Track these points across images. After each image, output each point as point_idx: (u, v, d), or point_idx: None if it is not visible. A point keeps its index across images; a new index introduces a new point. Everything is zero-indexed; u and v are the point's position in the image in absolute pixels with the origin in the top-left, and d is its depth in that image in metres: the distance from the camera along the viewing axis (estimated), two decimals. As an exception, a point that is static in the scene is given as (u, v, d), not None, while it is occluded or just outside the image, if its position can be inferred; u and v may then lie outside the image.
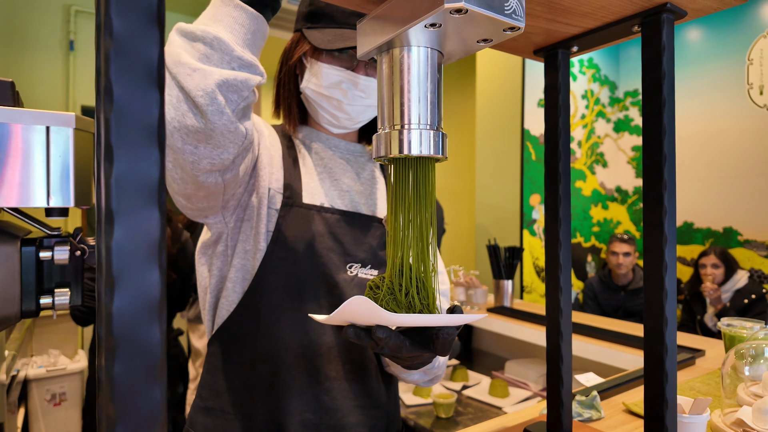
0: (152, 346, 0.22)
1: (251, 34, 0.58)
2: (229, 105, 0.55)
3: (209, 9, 0.58)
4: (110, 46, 0.21)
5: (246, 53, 0.56)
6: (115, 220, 0.22)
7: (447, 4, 0.36)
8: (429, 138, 0.45)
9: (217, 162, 0.59)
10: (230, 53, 0.55)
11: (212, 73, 0.53)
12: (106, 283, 0.22)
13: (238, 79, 0.55)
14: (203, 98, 0.53)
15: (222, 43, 0.54)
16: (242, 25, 0.57)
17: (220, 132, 0.55)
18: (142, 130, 0.22)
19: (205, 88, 0.53)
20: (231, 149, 0.58)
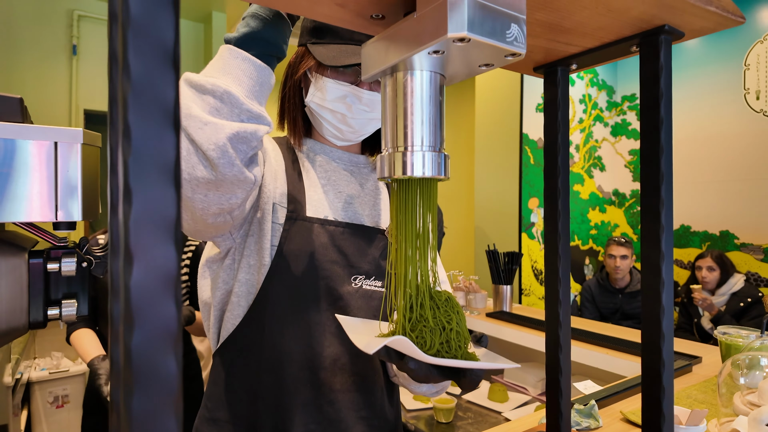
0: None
1: (259, 85, 0.59)
2: (239, 156, 0.56)
3: (218, 60, 0.59)
4: (128, 90, 0.22)
5: (255, 105, 0.58)
6: (133, 258, 0.23)
7: (450, 33, 0.37)
8: (431, 160, 0.46)
9: (226, 206, 0.60)
10: (240, 106, 0.56)
11: (223, 126, 0.55)
12: (125, 319, 0.23)
13: (248, 131, 0.56)
14: (215, 152, 0.54)
15: (232, 96, 0.56)
16: (250, 77, 0.58)
17: (230, 181, 0.57)
18: (159, 171, 0.23)
19: (216, 141, 0.54)
20: (240, 194, 0.60)
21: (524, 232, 3.29)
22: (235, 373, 0.73)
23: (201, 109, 0.55)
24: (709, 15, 0.48)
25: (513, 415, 1.47)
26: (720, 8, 0.48)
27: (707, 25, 0.51)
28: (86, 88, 2.96)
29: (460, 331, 0.49)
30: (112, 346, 0.26)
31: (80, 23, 2.93)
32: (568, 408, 0.67)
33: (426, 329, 0.48)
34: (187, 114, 0.55)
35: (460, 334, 0.49)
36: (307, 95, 0.76)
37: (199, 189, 0.56)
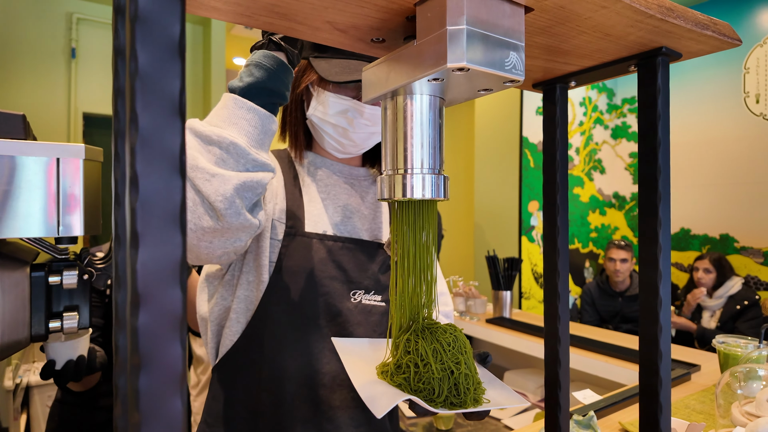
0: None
1: (263, 133, 0.61)
2: (245, 203, 0.58)
3: (222, 110, 0.60)
4: (135, 140, 0.23)
5: (260, 154, 0.59)
6: (140, 302, 0.23)
7: (450, 63, 0.38)
8: (431, 182, 0.46)
9: (231, 249, 0.62)
10: (246, 156, 0.58)
11: (230, 178, 0.56)
12: (132, 361, 0.23)
13: (254, 180, 0.58)
14: (222, 203, 0.55)
15: (238, 147, 0.57)
16: (255, 127, 0.59)
17: (235, 228, 0.58)
18: (166, 217, 0.23)
19: (224, 193, 0.55)
20: (244, 238, 0.61)
21: (524, 235, 3.30)
22: (234, 390, 0.73)
23: (207, 161, 0.56)
24: (705, 39, 0.49)
25: (512, 422, 1.47)
26: (716, 32, 0.48)
27: (704, 47, 0.52)
28: (85, 92, 2.96)
29: (469, 373, 0.48)
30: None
31: (79, 26, 2.93)
32: (567, 422, 0.68)
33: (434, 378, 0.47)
34: (194, 165, 0.55)
35: (469, 376, 0.48)
36: (309, 109, 0.76)
37: (205, 237, 0.58)
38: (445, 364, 0.48)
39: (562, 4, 0.41)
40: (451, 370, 0.47)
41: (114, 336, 0.35)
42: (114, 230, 0.35)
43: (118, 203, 0.34)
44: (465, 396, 0.48)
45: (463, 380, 0.48)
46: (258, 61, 0.61)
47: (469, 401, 0.48)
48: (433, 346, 0.48)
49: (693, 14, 0.47)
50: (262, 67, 0.61)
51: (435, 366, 0.47)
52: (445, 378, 0.47)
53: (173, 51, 0.23)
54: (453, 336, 0.50)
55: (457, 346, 0.49)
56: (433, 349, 0.48)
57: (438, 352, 0.48)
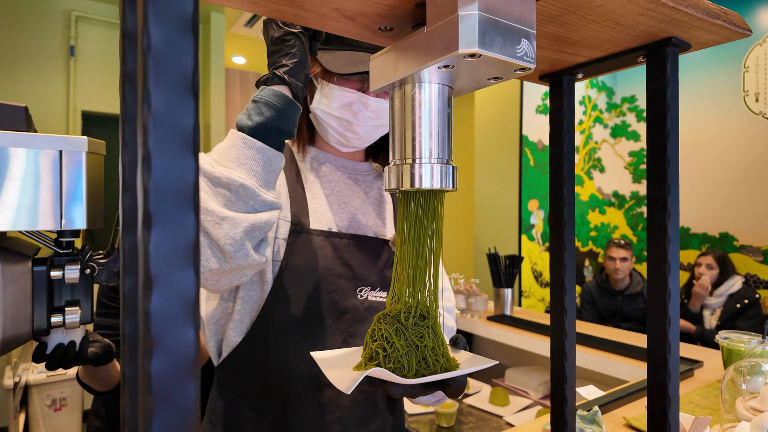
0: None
1: (272, 172, 0.61)
2: (253, 243, 0.58)
3: (231, 149, 0.60)
4: (148, 118, 0.22)
5: (269, 195, 0.59)
6: (153, 285, 0.23)
7: (461, 49, 0.37)
8: (439, 172, 0.46)
9: (237, 283, 0.62)
10: (255, 198, 0.58)
11: (240, 221, 0.56)
12: (144, 345, 0.23)
13: (262, 221, 0.58)
14: (231, 246, 0.56)
15: (248, 189, 0.57)
16: (264, 167, 0.59)
17: (243, 267, 0.59)
18: (179, 197, 0.23)
19: (234, 236, 0.56)
20: (250, 273, 0.62)
21: (524, 234, 3.30)
22: (239, 390, 0.72)
23: (216, 203, 0.56)
24: (716, 29, 0.48)
25: (514, 419, 1.47)
26: (727, 22, 0.48)
27: (714, 38, 0.51)
28: (84, 90, 2.95)
29: (435, 345, 0.49)
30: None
31: (78, 24, 2.92)
32: (573, 416, 0.68)
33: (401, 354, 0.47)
34: (204, 208, 0.56)
35: (436, 348, 0.49)
36: (313, 102, 0.75)
37: (212, 277, 0.59)
38: (408, 340, 0.48)
39: (573, -9, 0.40)
40: (416, 344, 0.48)
41: (121, 324, 0.35)
42: (122, 217, 0.34)
43: (126, 189, 0.33)
44: (435, 367, 0.48)
45: (430, 353, 0.48)
46: (267, 99, 0.61)
47: (439, 371, 0.48)
48: (395, 327, 0.49)
49: (704, 3, 0.46)
50: (272, 106, 0.60)
51: (399, 343, 0.47)
52: (411, 353, 0.48)
53: (186, 27, 0.23)
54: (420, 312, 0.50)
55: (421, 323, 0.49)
56: (396, 329, 0.48)
57: (400, 331, 0.48)
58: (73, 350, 0.79)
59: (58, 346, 0.78)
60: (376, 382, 0.48)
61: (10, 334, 0.67)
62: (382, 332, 0.49)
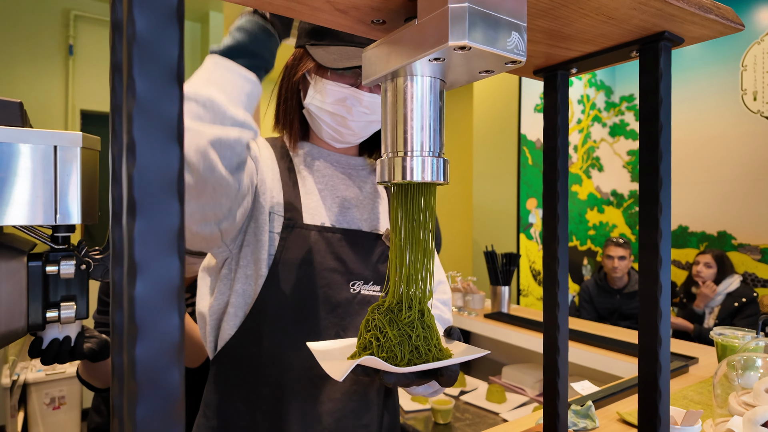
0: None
1: (244, 94, 0.59)
2: (223, 161, 0.56)
3: (202, 70, 0.59)
4: (133, 107, 0.22)
5: (239, 111, 0.57)
6: (137, 271, 0.23)
7: (451, 41, 0.37)
8: (431, 165, 0.46)
9: (210, 214, 0.60)
10: (223, 113, 0.56)
11: (204, 132, 0.54)
12: (129, 331, 0.23)
13: (230, 137, 0.56)
14: (195, 156, 0.54)
15: (214, 103, 0.56)
16: (234, 86, 0.58)
17: (212, 187, 0.56)
18: (163, 184, 0.23)
19: (197, 146, 0.54)
20: (224, 202, 0.60)
21: (522, 233, 3.30)
22: (233, 383, 0.73)
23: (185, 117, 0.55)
24: (709, 23, 0.49)
25: (511, 416, 1.47)
26: (720, 16, 0.48)
27: (707, 32, 0.51)
28: (83, 88, 2.95)
29: (428, 335, 0.49)
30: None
31: (77, 23, 2.92)
32: (565, 409, 0.68)
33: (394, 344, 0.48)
34: None
35: (428, 338, 0.49)
36: (306, 97, 0.75)
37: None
38: (401, 330, 0.48)
39: (564, -16, 0.40)
40: (408, 334, 0.48)
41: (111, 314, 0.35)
42: (111, 207, 0.34)
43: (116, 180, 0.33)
44: (427, 356, 0.49)
45: (422, 343, 0.49)
46: (240, 25, 0.60)
47: (431, 360, 0.48)
48: (389, 317, 0.49)
49: (695, -3, 0.47)
50: (245, 30, 0.60)
51: (391, 333, 0.48)
52: (404, 343, 0.48)
53: (171, 16, 0.23)
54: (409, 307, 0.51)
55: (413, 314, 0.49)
56: (389, 319, 0.49)
57: (393, 321, 0.49)
58: (68, 345, 0.79)
59: (53, 341, 0.79)
60: (370, 372, 0.48)
61: (5, 328, 0.67)
62: (375, 323, 0.49)
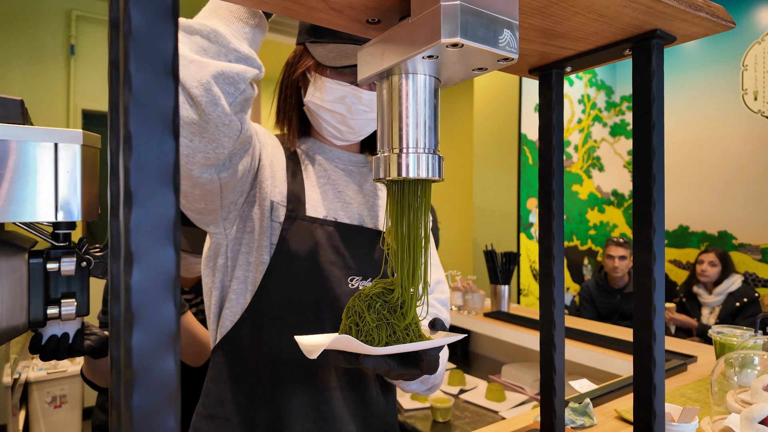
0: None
1: (249, 27, 0.58)
2: (226, 97, 0.55)
3: (209, 4, 0.59)
4: (129, 100, 0.23)
5: (243, 46, 0.56)
6: (134, 260, 0.23)
7: (444, 39, 0.38)
8: (426, 162, 0.46)
9: (212, 156, 0.58)
10: (227, 45, 0.55)
11: (208, 64, 0.54)
12: (125, 320, 0.24)
13: (234, 71, 0.55)
14: (198, 89, 0.53)
15: (219, 35, 0.55)
16: (239, 19, 0.57)
17: (214, 124, 0.55)
18: (159, 176, 0.24)
19: (200, 79, 0.53)
20: (226, 143, 0.58)
21: (523, 233, 3.30)
22: (233, 371, 0.74)
23: (188, 49, 0.54)
24: (699, 21, 0.49)
25: (510, 414, 1.48)
26: (710, 14, 0.49)
27: (698, 30, 0.52)
28: (84, 88, 2.97)
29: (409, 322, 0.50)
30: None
31: (78, 23, 2.93)
32: (562, 406, 0.68)
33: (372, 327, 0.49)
34: None
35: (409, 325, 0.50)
36: (306, 95, 0.76)
37: (184, 132, 0.54)
38: (380, 314, 0.49)
39: (555, -18, 0.41)
40: (387, 319, 0.49)
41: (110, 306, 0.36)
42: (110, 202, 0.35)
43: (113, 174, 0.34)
44: (405, 341, 0.49)
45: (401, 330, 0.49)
46: None
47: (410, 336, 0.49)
48: (367, 303, 0.50)
49: (686, -5, 0.47)
50: None
51: (369, 317, 0.48)
52: (381, 327, 0.49)
53: (167, 12, 0.23)
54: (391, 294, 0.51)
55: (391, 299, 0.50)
56: (367, 304, 0.50)
57: (372, 306, 0.49)
58: (66, 342, 0.80)
59: (52, 337, 0.80)
60: (351, 359, 0.49)
61: (6, 325, 0.68)
62: (355, 308, 0.50)
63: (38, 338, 0.79)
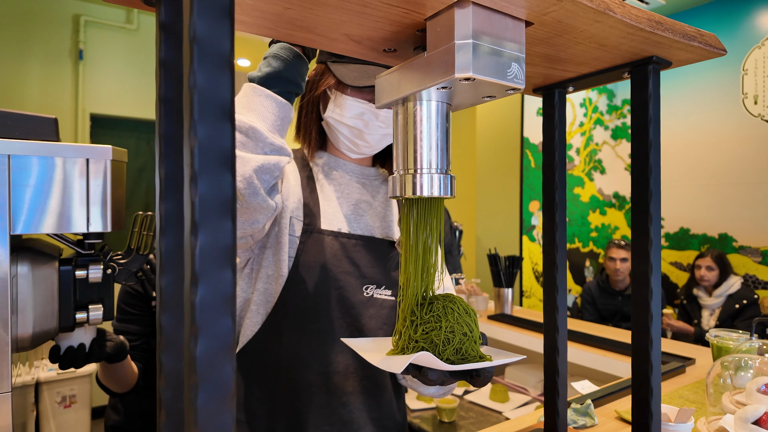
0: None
1: (280, 120, 0.65)
2: (263, 185, 0.63)
3: (242, 97, 0.65)
4: (195, 144, 0.27)
5: (277, 138, 0.64)
6: (198, 281, 0.27)
7: (457, 74, 0.42)
8: (439, 181, 0.50)
9: (249, 230, 0.66)
10: (264, 140, 0.62)
11: (249, 160, 0.61)
12: (191, 332, 0.27)
13: (271, 163, 0.62)
14: (241, 183, 0.60)
15: (257, 131, 0.62)
16: (272, 113, 0.64)
17: (253, 209, 0.63)
18: (220, 209, 0.27)
19: (243, 174, 0.60)
20: (261, 220, 0.66)
21: (525, 235, 3.34)
22: (253, 377, 0.77)
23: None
24: (693, 49, 0.53)
25: (513, 414, 1.51)
26: (702, 43, 0.52)
27: (692, 56, 0.56)
28: (92, 93, 3.01)
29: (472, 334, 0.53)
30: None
31: (87, 29, 2.98)
32: (565, 407, 0.72)
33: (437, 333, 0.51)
34: None
35: (471, 337, 0.53)
36: (326, 111, 0.80)
37: None
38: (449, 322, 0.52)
39: (559, 18, 0.45)
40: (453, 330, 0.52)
41: (158, 317, 0.40)
42: (159, 222, 0.39)
43: (163, 198, 0.38)
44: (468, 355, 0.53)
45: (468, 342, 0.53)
46: (275, 53, 0.66)
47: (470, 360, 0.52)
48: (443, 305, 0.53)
49: (681, 27, 0.51)
50: (279, 58, 0.66)
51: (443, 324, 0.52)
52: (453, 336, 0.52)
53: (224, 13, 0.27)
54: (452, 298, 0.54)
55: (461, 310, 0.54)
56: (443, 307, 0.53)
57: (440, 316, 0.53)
58: (82, 351, 0.85)
59: (69, 348, 0.84)
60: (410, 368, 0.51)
61: (39, 329, 0.72)
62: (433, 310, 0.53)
63: (56, 349, 0.83)
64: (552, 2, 0.41)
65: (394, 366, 0.48)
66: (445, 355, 0.51)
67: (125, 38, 3.13)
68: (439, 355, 0.51)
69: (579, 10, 0.43)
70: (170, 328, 0.39)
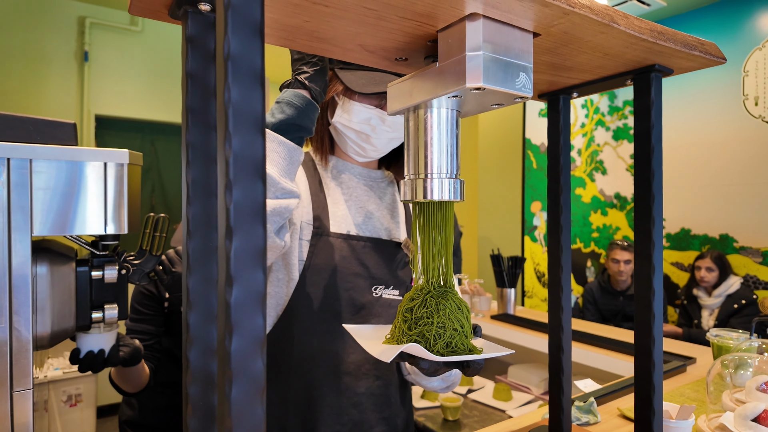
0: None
1: (291, 164, 0.69)
2: (273, 226, 0.66)
3: None
4: (230, 154, 0.29)
5: (288, 183, 0.67)
6: (233, 282, 0.29)
7: (468, 84, 0.44)
8: (449, 185, 0.52)
9: None
10: (276, 185, 0.66)
11: None
12: (226, 329, 0.29)
13: (282, 206, 0.66)
14: None
15: (270, 178, 0.65)
16: (284, 158, 0.68)
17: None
18: (252, 214, 0.29)
19: None
20: (270, 257, 0.70)
21: (527, 235, 3.35)
22: (267, 378, 0.79)
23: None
24: (693, 57, 0.55)
25: (516, 413, 1.53)
26: (703, 52, 0.54)
27: (693, 64, 0.58)
28: (97, 94, 3.03)
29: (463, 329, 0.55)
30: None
31: (92, 30, 3.00)
32: (569, 404, 0.74)
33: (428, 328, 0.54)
34: None
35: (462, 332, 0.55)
36: (334, 116, 0.82)
37: None
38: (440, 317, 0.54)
39: (566, 29, 0.47)
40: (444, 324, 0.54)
41: (185, 315, 0.42)
42: (186, 226, 0.41)
43: (190, 203, 0.40)
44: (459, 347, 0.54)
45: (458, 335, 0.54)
46: (289, 100, 0.69)
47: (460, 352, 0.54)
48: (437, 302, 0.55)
49: (682, 36, 0.53)
50: (293, 105, 0.69)
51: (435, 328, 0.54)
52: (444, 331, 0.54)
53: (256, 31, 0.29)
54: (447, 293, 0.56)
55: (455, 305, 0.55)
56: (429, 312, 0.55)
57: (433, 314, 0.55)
58: (102, 356, 0.87)
59: (89, 353, 0.87)
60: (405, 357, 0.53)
61: (57, 328, 0.74)
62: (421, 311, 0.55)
63: (77, 352, 0.85)
64: (559, 15, 0.43)
65: (385, 355, 0.50)
66: (436, 348, 0.53)
67: (130, 40, 3.15)
68: (430, 348, 0.53)
69: (585, 22, 0.45)
70: (197, 326, 0.41)
